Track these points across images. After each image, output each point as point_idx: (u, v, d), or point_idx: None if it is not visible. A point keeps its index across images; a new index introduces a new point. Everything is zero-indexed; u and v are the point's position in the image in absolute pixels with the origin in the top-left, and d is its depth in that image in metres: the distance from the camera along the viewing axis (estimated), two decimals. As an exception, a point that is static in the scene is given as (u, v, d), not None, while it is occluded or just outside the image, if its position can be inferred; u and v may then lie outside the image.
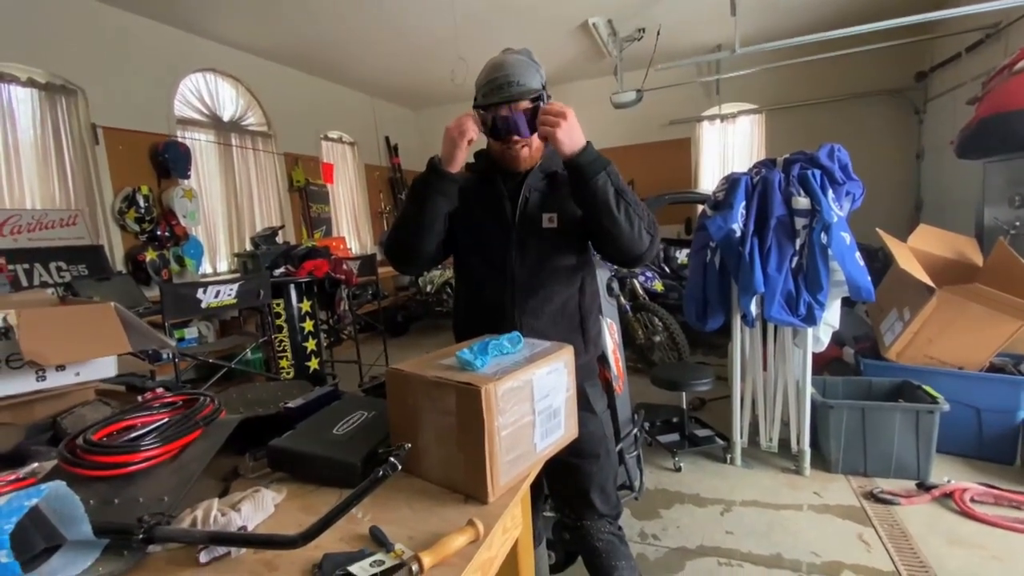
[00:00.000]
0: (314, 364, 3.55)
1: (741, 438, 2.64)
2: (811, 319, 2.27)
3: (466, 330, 1.29)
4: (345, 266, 3.86)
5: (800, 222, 2.25)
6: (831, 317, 2.39)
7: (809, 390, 2.44)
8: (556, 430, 0.97)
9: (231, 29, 4.34)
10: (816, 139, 2.69)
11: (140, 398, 1.01)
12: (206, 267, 4.45)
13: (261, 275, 3.30)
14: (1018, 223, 3.10)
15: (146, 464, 0.81)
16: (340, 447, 0.91)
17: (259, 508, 0.78)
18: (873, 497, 2.24)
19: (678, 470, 2.59)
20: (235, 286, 2.87)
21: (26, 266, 3.09)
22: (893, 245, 2.74)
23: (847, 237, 2.20)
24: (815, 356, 2.47)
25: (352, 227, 6.40)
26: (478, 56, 1.62)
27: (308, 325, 3.54)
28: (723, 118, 5.97)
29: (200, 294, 2.71)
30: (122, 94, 3.78)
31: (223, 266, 4.68)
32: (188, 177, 4.16)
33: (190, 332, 3.62)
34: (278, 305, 3.40)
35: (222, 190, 4.70)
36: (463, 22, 4.33)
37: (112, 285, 3.23)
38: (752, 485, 2.43)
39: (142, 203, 3.79)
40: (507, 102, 1.18)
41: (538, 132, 1.16)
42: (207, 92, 4.56)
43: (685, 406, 2.86)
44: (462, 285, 1.42)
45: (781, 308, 2.29)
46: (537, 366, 0.90)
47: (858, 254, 2.23)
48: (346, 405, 1.10)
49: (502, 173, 1.31)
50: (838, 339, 2.87)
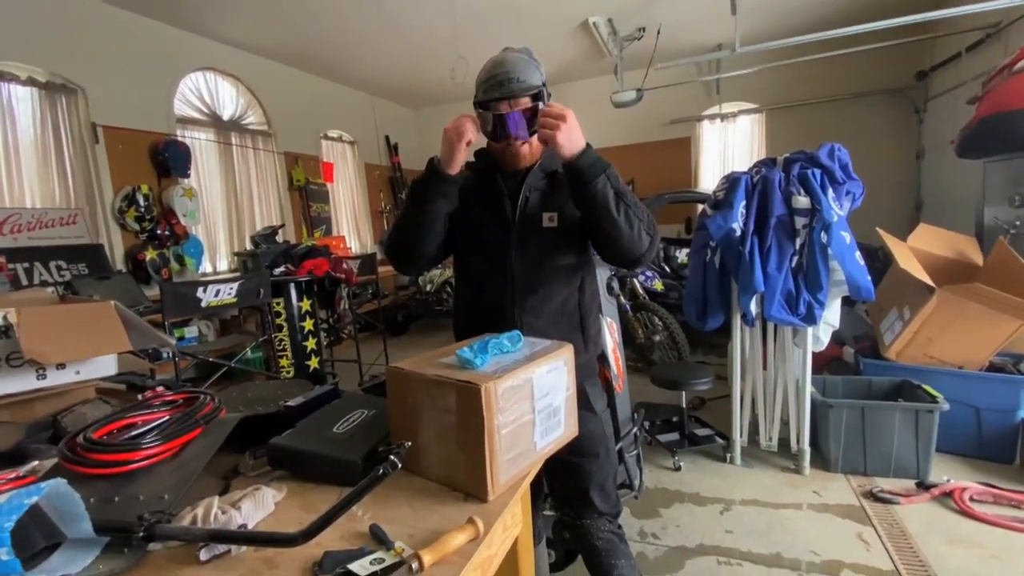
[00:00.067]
0: (314, 363, 3.56)
1: (741, 437, 2.64)
2: (811, 318, 2.27)
3: (466, 329, 1.29)
4: (345, 265, 3.86)
5: (800, 221, 2.25)
6: (831, 316, 2.39)
7: (809, 389, 2.44)
8: (556, 429, 0.97)
9: (231, 28, 4.34)
10: (816, 138, 2.69)
11: (140, 396, 1.01)
12: (206, 266, 4.45)
13: (261, 274, 3.30)
14: (1018, 222, 3.10)
15: (146, 462, 0.81)
16: (340, 445, 0.91)
17: (259, 506, 0.78)
18: (873, 496, 2.24)
19: (678, 469, 2.59)
20: (235, 285, 2.87)
21: (26, 265, 3.09)
22: (893, 244, 2.74)
23: (847, 236, 2.20)
24: (815, 355, 2.47)
25: (352, 226, 6.40)
26: (478, 55, 1.61)
27: (308, 324, 3.55)
28: (723, 117, 5.96)
29: (200, 293, 2.72)
30: (122, 93, 3.78)
31: (223, 265, 4.68)
32: (188, 176, 4.16)
33: (190, 331, 3.62)
34: (278, 304, 3.40)
35: (222, 189, 4.69)
36: (463, 21, 4.33)
37: (112, 284, 3.23)
38: (752, 484, 2.43)
39: (142, 202, 3.79)
40: (507, 98, 1.18)
41: (538, 135, 1.15)
42: (207, 91, 4.56)
43: (685, 405, 2.87)
44: (462, 284, 1.42)
45: (781, 307, 2.30)
46: (537, 365, 0.90)
47: (858, 253, 2.23)
48: (346, 404, 1.10)
49: (502, 172, 1.30)
50: (838, 338, 2.87)
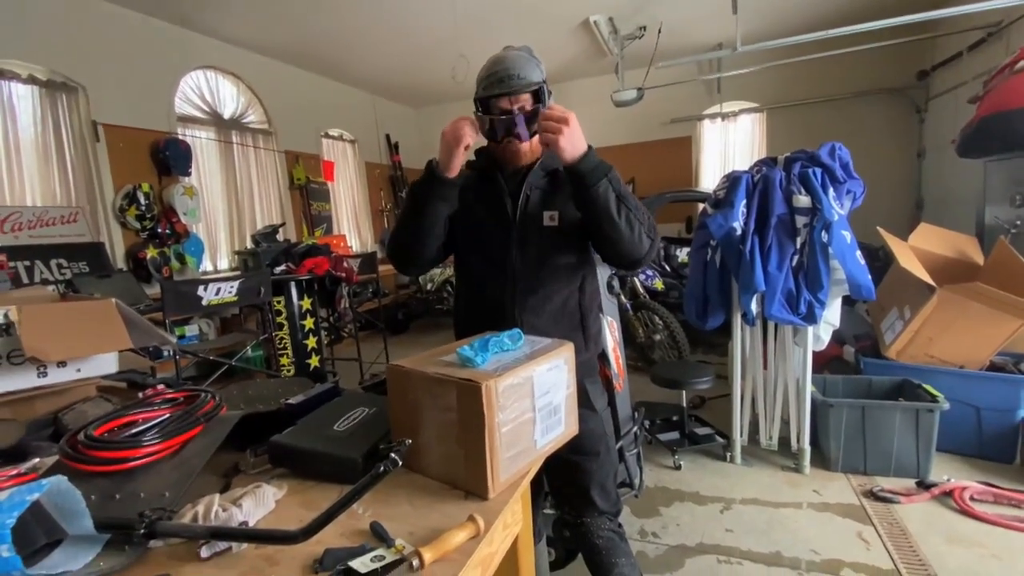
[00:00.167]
0: (314, 361, 3.56)
1: (741, 436, 2.64)
2: (811, 317, 2.27)
3: (467, 328, 1.29)
4: (346, 264, 3.86)
5: (801, 220, 2.25)
6: (831, 316, 2.39)
7: (809, 388, 2.44)
8: (556, 427, 0.97)
9: (232, 27, 4.34)
10: (817, 138, 2.69)
11: (141, 394, 1.01)
12: (207, 265, 4.46)
13: (262, 273, 3.30)
14: (1019, 222, 3.10)
15: (147, 460, 0.81)
16: (341, 443, 0.91)
17: (260, 503, 0.78)
18: (873, 495, 2.24)
19: (678, 468, 2.60)
20: (236, 284, 2.88)
21: (27, 263, 3.10)
22: (894, 244, 2.74)
23: (848, 235, 2.20)
24: (815, 355, 2.47)
25: (353, 225, 6.40)
26: (479, 54, 1.61)
27: (308, 323, 3.55)
28: (724, 116, 5.96)
29: (201, 291, 2.72)
30: (123, 91, 3.78)
31: (224, 264, 4.69)
32: (189, 175, 4.17)
33: (191, 329, 3.62)
34: (279, 303, 3.41)
35: (223, 188, 4.69)
36: (464, 20, 4.33)
37: (113, 282, 3.23)
38: (752, 483, 2.43)
39: (143, 200, 3.79)
40: (507, 95, 1.18)
41: (539, 138, 1.14)
42: (208, 90, 4.56)
43: (685, 404, 2.87)
44: (463, 283, 1.42)
45: (781, 306, 2.30)
46: (538, 363, 0.90)
47: (859, 253, 2.23)
48: (347, 402, 1.10)
49: (503, 170, 1.30)
50: (838, 338, 2.87)
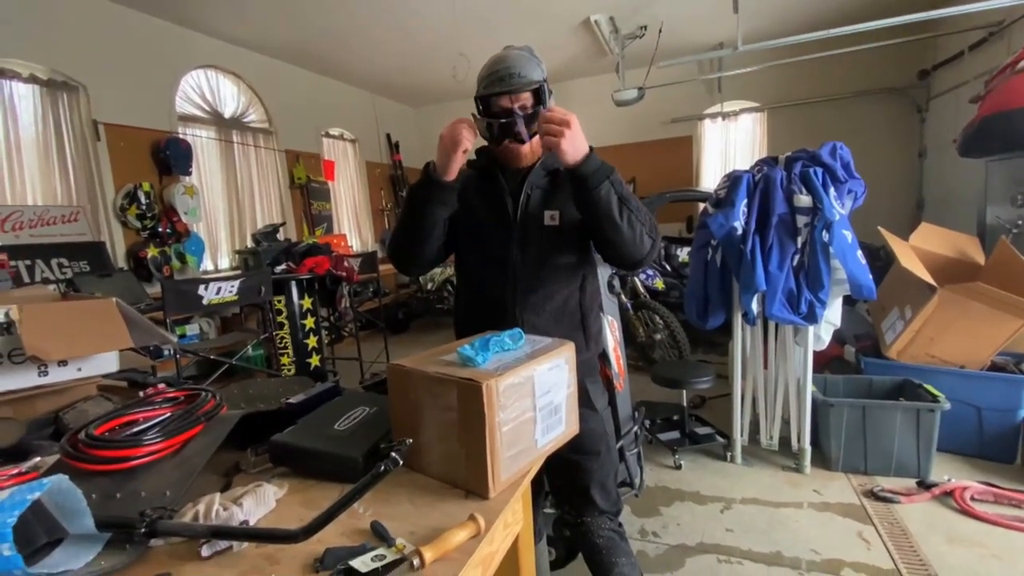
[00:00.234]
0: (315, 361, 3.56)
1: (741, 436, 2.64)
2: (812, 317, 2.27)
3: (467, 327, 1.29)
4: (346, 263, 3.86)
5: (802, 220, 2.25)
6: (832, 315, 2.39)
7: (810, 388, 2.44)
8: (557, 426, 0.97)
9: (232, 26, 4.34)
10: (818, 137, 2.68)
11: (142, 393, 1.01)
12: (207, 264, 4.46)
13: (262, 272, 3.30)
14: (1020, 222, 3.09)
15: (148, 459, 0.81)
16: (341, 442, 0.91)
17: (261, 503, 0.78)
18: (873, 495, 2.24)
19: (678, 467, 2.60)
20: (236, 283, 2.88)
21: (28, 262, 3.10)
22: (895, 243, 2.74)
23: (849, 235, 2.20)
24: (816, 354, 2.47)
25: (353, 224, 6.40)
26: (479, 53, 1.61)
27: (309, 322, 3.55)
28: (725, 116, 5.95)
29: (201, 291, 2.72)
30: (124, 90, 3.78)
31: (224, 263, 4.68)
32: (189, 174, 4.16)
33: (191, 328, 3.62)
34: (279, 302, 3.41)
35: (223, 187, 4.69)
36: (464, 19, 4.33)
37: (113, 281, 3.23)
38: (752, 483, 2.43)
39: (143, 200, 3.79)
40: (508, 93, 1.18)
41: (541, 142, 1.14)
42: (208, 89, 4.56)
43: (686, 404, 2.87)
44: (463, 282, 1.42)
45: (782, 306, 2.29)
46: (538, 362, 0.90)
47: (860, 252, 2.22)
48: (347, 401, 1.10)
49: (503, 170, 1.30)
50: (839, 337, 2.87)
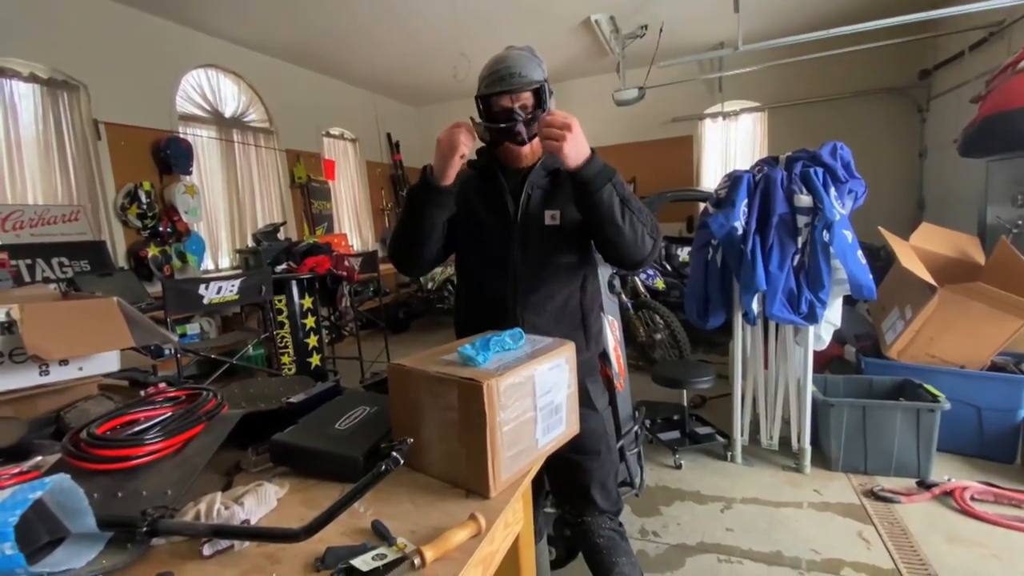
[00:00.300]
0: (315, 360, 3.56)
1: (742, 436, 2.64)
2: (812, 317, 2.27)
3: (468, 327, 1.29)
4: (347, 263, 3.87)
5: (802, 220, 2.25)
6: (832, 315, 2.39)
7: (810, 388, 2.44)
8: (557, 426, 0.97)
9: (233, 25, 4.34)
10: (819, 137, 2.68)
11: (143, 393, 1.01)
12: (208, 263, 4.46)
13: (263, 271, 3.30)
14: (1020, 222, 3.09)
15: (150, 458, 0.81)
16: (342, 442, 0.92)
17: (262, 502, 0.79)
18: (873, 495, 2.24)
19: (679, 467, 2.60)
20: (237, 282, 2.88)
21: (28, 261, 3.10)
22: (895, 243, 2.74)
23: (849, 235, 2.20)
24: (816, 354, 2.47)
25: (354, 224, 6.40)
26: (480, 53, 1.62)
27: (310, 321, 3.55)
28: (725, 116, 5.94)
29: (202, 290, 2.72)
30: (124, 90, 3.78)
31: (225, 262, 4.69)
32: (190, 173, 4.17)
33: (192, 328, 3.62)
34: (280, 301, 3.41)
35: (224, 186, 4.69)
36: (465, 19, 4.32)
37: (114, 281, 3.23)
38: (752, 483, 2.43)
39: (144, 199, 3.79)
40: (508, 92, 1.18)
41: (543, 147, 1.13)
42: (209, 88, 4.56)
43: (686, 403, 2.87)
44: (464, 282, 1.42)
45: (783, 306, 2.29)
46: (539, 362, 0.90)
47: (860, 252, 2.22)
48: (348, 401, 1.10)
49: (504, 169, 1.30)
50: (839, 337, 2.87)
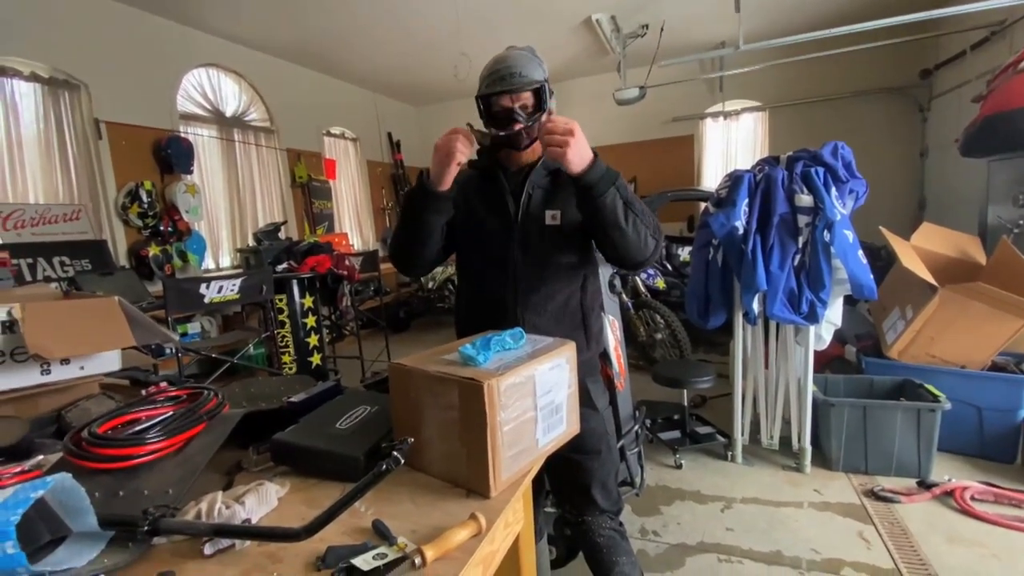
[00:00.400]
0: (316, 359, 3.57)
1: (742, 435, 2.64)
2: (813, 317, 2.27)
3: (468, 326, 1.29)
4: (347, 262, 3.87)
5: (803, 220, 2.25)
6: (833, 315, 2.38)
7: (810, 388, 2.44)
8: (558, 426, 0.97)
9: (234, 25, 4.34)
10: (820, 137, 2.68)
11: (144, 392, 1.01)
12: (209, 262, 4.46)
13: (264, 271, 3.31)
14: (1021, 222, 3.09)
15: (151, 457, 0.82)
16: (343, 441, 0.92)
17: (263, 501, 0.79)
18: (874, 495, 2.24)
19: (679, 467, 2.60)
20: (238, 281, 2.88)
21: (29, 260, 3.10)
22: (896, 243, 2.74)
23: (850, 235, 2.19)
24: (817, 354, 2.47)
25: (354, 223, 6.40)
26: (480, 52, 1.62)
27: (310, 321, 3.55)
28: (726, 115, 5.94)
29: (203, 289, 2.73)
30: (125, 89, 3.78)
31: (226, 261, 4.69)
32: (191, 172, 4.17)
33: (193, 327, 3.63)
34: (280, 301, 3.41)
35: (225, 185, 4.70)
36: (465, 18, 4.32)
37: (115, 280, 3.24)
38: (753, 482, 2.43)
39: (145, 198, 3.79)
40: (509, 92, 1.18)
41: (546, 153, 1.12)
42: (210, 87, 4.56)
43: (686, 403, 2.87)
44: (464, 281, 1.42)
45: (783, 306, 2.29)
46: (539, 362, 0.90)
47: (861, 252, 2.22)
48: (349, 400, 1.10)
49: (505, 169, 1.31)
50: (840, 337, 2.87)
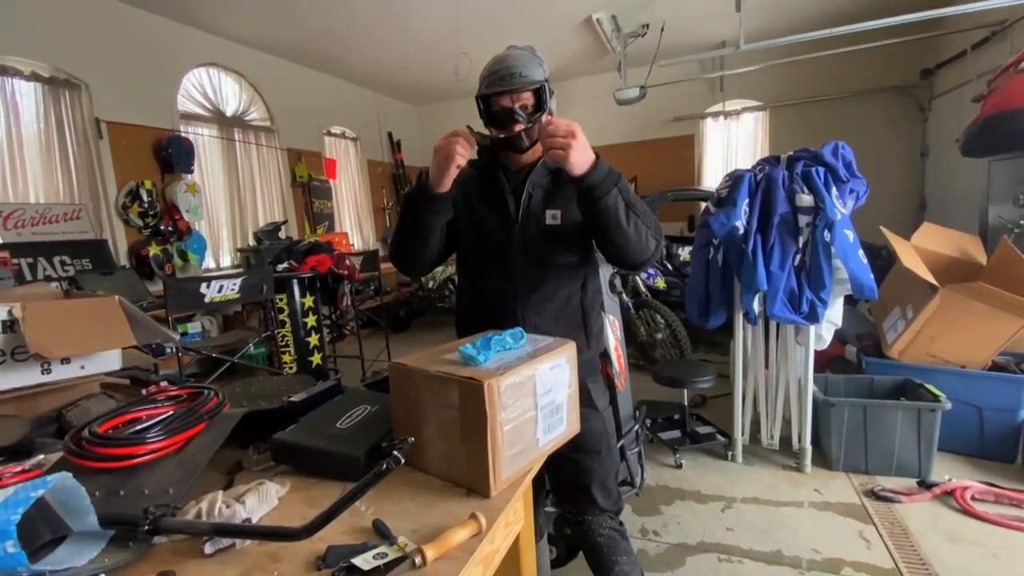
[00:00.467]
0: (316, 359, 3.57)
1: (742, 435, 2.64)
2: (813, 317, 2.27)
3: (468, 326, 1.29)
4: (348, 262, 3.87)
5: (803, 220, 2.24)
6: (833, 315, 2.38)
7: (811, 388, 2.44)
8: (558, 425, 0.97)
9: (234, 24, 4.34)
10: (820, 136, 2.68)
11: (144, 391, 1.01)
12: (209, 262, 4.46)
13: (264, 270, 3.31)
14: (1022, 221, 3.09)
15: (151, 456, 0.82)
16: (343, 441, 0.92)
17: (263, 500, 0.79)
18: (874, 495, 2.24)
19: (679, 467, 2.60)
20: (238, 281, 2.88)
21: (30, 260, 3.10)
22: (897, 243, 2.74)
23: (850, 235, 2.19)
24: (817, 354, 2.47)
25: (355, 223, 6.41)
26: (481, 51, 1.62)
27: (311, 320, 3.55)
28: (727, 115, 5.94)
29: (203, 289, 2.73)
30: (126, 88, 3.79)
31: (226, 261, 4.69)
32: (191, 172, 4.17)
33: (193, 326, 3.63)
34: (281, 300, 3.41)
35: (225, 185, 4.70)
36: (466, 18, 4.32)
37: (116, 279, 3.24)
38: (753, 482, 2.43)
39: (145, 198, 3.79)
40: (509, 92, 1.18)
41: (548, 156, 1.11)
42: (210, 87, 4.56)
43: (686, 403, 2.86)
44: (465, 281, 1.42)
45: (784, 306, 2.29)
46: (540, 361, 0.90)
47: (861, 252, 2.22)
48: (349, 399, 1.10)
49: (505, 169, 1.30)
50: (840, 337, 2.87)
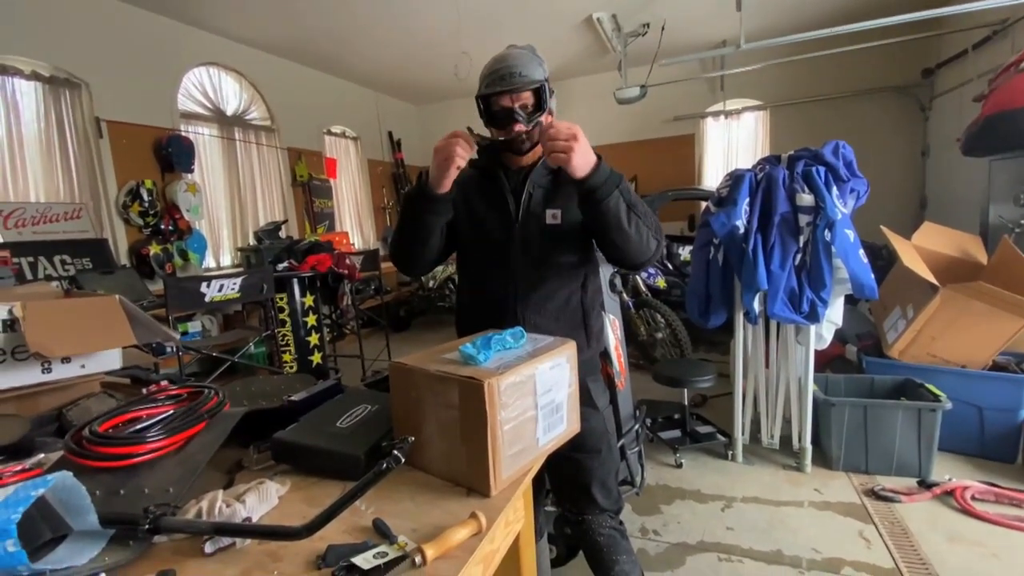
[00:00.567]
0: (317, 358, 3.57)
1: (742, 435, 2.64)
2: (814, 316, 2.27)
3: (469, 325, 1.29)
4: (348, 261, 3.87)
5: (804, 219, 2.24)
6: (834, 314, 2.38)
7: (811, 387, 2.44)
8: (558, 425, 0.97)
9: (234, 23, 4.34)
10: (821, 136, 2.68)
11: (145, 390, 1.01)
12: (209, 261, 4.46)
13: (264, 269, 3.31)
14: (1023, 221, 3.08)
15: (151, 455, 0.82)
16: (343, 440, 0.92)
17: (263, 500, 0.79)
18: (874, 494, 2.24)
19: (679, 466, 2.60)
20: (238, 280, 2.88)
21: (30, 259, 3.10)
22: (897, 243, 2.74)
23: (851, 234, 2.19)
24: (817, 354, 2.47)
25: (355, 222, 6.41)
26: (481, 51, 1.62)
27: (311, 320, 3.55)
28: (727, 114, 5.93)
29: (204, 288, 2.73)
30: (126, 88, 3.79)
31: (226, 260, 4.69)
32: (192, 171, 4.17)
33: (194, 326, 3.63)
34: (281, 299, 3.41)
35: (225, 184, 4.70)
36: (466, 17, 4.32)
37: (116, 279, 3.24)
38: (753, 481, 2.43)
39: (146, 197, 3.80)
40: (509, 92, 1.18)
41: (550, 159, 1.10)
42: (210, 86, 4.56)
43: (687, 402, 2.87)
44: (465, 280, 1.42)
45: (784, 305, 2.29)
46: (540, 361, 0.90)
47: (862, 251, 2.22)
48: (349, 399, 1.11)
49: (505, 168, 1.30)
50: (841, 337, 2.87)
